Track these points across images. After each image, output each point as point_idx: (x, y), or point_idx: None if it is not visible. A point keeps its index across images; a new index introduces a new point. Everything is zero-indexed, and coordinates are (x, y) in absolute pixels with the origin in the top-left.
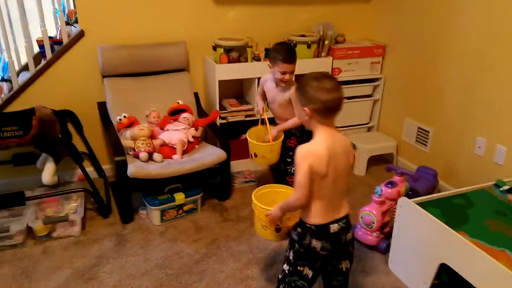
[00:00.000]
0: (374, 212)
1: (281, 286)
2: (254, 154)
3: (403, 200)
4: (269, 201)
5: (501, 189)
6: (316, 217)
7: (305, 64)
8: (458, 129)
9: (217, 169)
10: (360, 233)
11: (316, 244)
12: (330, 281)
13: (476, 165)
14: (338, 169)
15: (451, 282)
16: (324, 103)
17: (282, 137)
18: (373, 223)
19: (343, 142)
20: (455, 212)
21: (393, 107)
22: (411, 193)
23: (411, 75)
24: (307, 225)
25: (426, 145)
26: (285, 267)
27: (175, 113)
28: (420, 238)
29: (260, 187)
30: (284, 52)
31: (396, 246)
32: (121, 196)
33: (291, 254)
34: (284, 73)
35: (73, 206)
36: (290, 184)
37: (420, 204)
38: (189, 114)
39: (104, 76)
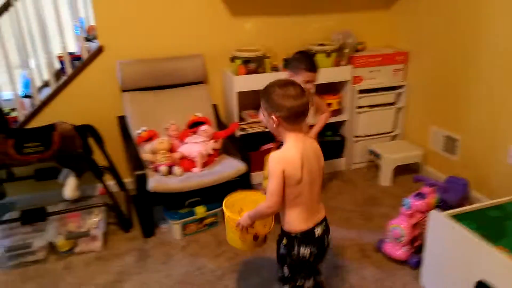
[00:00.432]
0: (403, 225)
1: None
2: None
3: (434, 214)
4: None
5: None
6: (299, 224)
7: (326, 73)
8: (488, 137)
9: (237, 182)
10: (388, 247)
11: (305, 251)
12: None
13: (509, 174)
14: (312, 172)
15: None
16: (290, 110)
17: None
18: (402, 236)
19: (313, 146)
20: (491, 225)
21: (418, 115)
22: (441, 205)
23: (436, 82)
24: (292, 234)
25: (454, 154)
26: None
27: (194, 125)
28: (454, 253)
29: (232, 193)
30: (307, 61)
31: (428, 261)
32: (142, 210)
33: (286, 270)
34: (308, 82)
35: (95, 221)
36: None
37: (453, 217)
38: (208, 126)
39: (123, 91)
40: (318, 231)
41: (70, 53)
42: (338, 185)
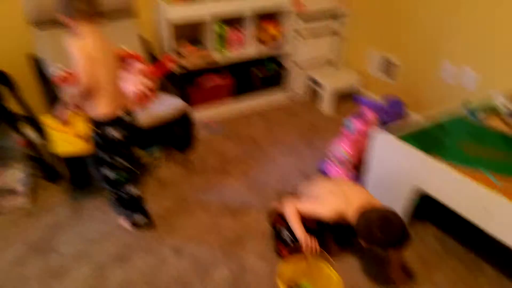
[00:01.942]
0: (346, 147)
1: (112, 190)
2: None
3: (375, 132)
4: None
5: (471, 111)
6: (106, 107)
7: (265, 1)
8: (424, 56)
9: (178, 121)
10: (331, 168)
11: (115, 133)
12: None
13: (443, 90)
14: (108, 63)
15: (426, 207)
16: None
17: None
18: (346, 158)
19: (105, 38)
20: (428, 138)
21: (358, 41)
22: (380, 124)
23: (375, 6)
24: (101, 119)
25: (392, 77)
26: (104, 170)
27: (124, 61)
28: (394, 168)
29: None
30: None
31: (371, 178)
32: (72, 160)
33: (103, 154)
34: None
35: (17, 175)
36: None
37: (394, 134)
38: (140, 63)
39: (33, 24)
40: (126, 117)
41: None
42: (281, 116)
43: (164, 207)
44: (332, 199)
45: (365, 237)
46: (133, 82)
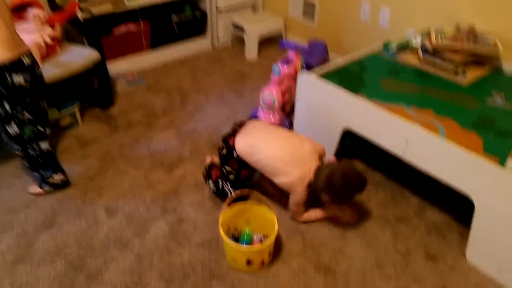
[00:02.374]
0: (274, 92)
1: (19, 149)
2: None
3: (303, 75)
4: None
5: (389, 49)
6: (5, 53)
7: None
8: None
9: (91, 73)
10: (262, 115)
11: (19, 79)
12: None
13: (362, 31)
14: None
15: (353, 145)
16: None
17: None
18: (275, 103)
19: None
20: (352, 78)
21: None
22: (306, 67)
23: None
24: (1, 65)
25: (313, 19)
26: (8, 126)
27: (20, 9)
28: (323, 109)
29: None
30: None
31: (300, 121)
32: None
33: (7, 105)
34: None
35: None
36: None
37: (319, 76)
38: (39, 9)
39: None
40: (26, 60)
41: None
42: (206, 65)
43: (89, 167)
44: (296, 172)
45: (327, 193)
46: (33, 31)
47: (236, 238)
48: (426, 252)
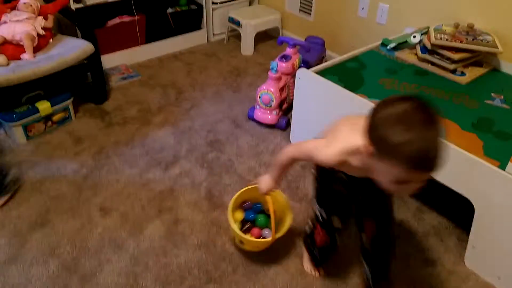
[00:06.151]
0: (272, 89)
1: None
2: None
3: (301, 72)
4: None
5: (388, 47)
6: None
7: None
8: None
9: (85, 66)
10: (259, 113)
11: None
12: None
13: (360, 28)
14: None
15: None
16: None
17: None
18: (272, 101)
19: None
20: (351, 76)
21: None
22: (304, 64)
23: None
24: None
25: (310, 14)
26: None
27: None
28: (321, 107)
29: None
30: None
31: (297, 120)
32: None
33: None
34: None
35: None
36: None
37: (318, 73)
38: None
39: None
40: None
41: None
42: (202, 59)
43: (83, 164)
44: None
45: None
46: (25, 22)
47: (250, 208)
48: (424, 256)
